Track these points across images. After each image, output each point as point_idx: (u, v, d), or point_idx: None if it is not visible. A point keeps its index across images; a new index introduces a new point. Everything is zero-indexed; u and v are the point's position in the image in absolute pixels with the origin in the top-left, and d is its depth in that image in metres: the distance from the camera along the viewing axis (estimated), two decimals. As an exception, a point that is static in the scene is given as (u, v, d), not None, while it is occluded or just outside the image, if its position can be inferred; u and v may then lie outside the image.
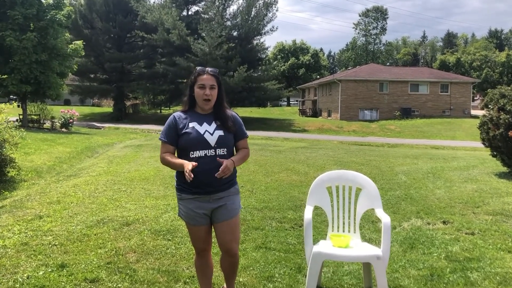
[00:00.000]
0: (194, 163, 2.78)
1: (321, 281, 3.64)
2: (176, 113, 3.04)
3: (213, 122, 2.98)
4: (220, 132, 2.95)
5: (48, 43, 20.92)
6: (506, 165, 9.06)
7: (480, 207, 6.28)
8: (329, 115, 41.93)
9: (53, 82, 21.70)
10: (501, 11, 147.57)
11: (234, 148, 3.07)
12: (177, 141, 2.94)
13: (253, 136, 23.60)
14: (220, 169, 2.79)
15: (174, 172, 3.06)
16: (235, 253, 3.07)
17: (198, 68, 3.02)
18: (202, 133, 2.91)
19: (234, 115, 3.09)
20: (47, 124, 22.92)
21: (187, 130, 2.92)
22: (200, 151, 2.88)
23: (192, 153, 2.89)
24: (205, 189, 2.92)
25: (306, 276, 3.37)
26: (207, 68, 2.99)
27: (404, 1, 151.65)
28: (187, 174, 2.72)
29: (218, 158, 2.87)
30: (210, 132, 2.93)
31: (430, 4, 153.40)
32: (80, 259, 4.04)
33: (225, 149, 2.94)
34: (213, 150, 2.90)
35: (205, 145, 2.89)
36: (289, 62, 66.38)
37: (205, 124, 2.95)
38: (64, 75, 23.12)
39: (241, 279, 3.71)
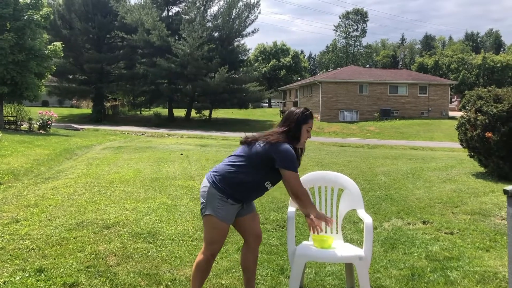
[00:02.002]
0: (331, 220, 3.20)
1: (303, 282, 3.64)
2: (289, 144, 3.09)
3: None
4: None
5: (25, 43, 20.52)
6: (483, 165, 9.22)
7: (459, 207, 6.38)
8: (310, 117, 42.09)
9: (31, 83, 21.28)
10: (475, 14, 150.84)
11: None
12: (270, 169, 3.07)
13: (235, 137, 23.57)
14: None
15: (155, 174, 3.06)
16: (261, 239, 3.35)
17: (310, 112, 3.20)
18: None
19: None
20: (25, 126, 22.47)
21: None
22: (273, 186, 3.18)
23: (268, 183, 3.12)
24: (248, 201, 3.23)
25: (289, 277, 3.37)
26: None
27: (382, 4, 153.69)
28: (319, 226, 3.03)
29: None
30: None
31: (407, 7, 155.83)
32: (59, 263, 3.96)
33: None
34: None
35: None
36: (270, 63, 66.58)
37: None
38: (42, 76, 22.70)
39: (223, 282, 3.69)
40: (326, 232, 3.59)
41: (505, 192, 2.23)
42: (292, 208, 3.49)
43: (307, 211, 3.08)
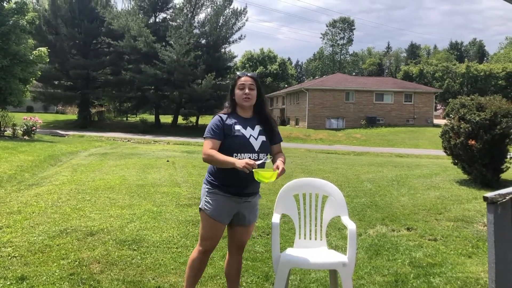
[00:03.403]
0: (252, 162, 2.79)
1: (288, 289, 3.65)
2: (221, 113, 3.07)
3: (256, 126, 3.08)
4: (263, 138, 3.06)
5: (10, 48, 20.30)
6: (466, 172, 9.35)
7: (442, 213, 6.46)
8: (296, 124, 42.34)
9: (15, 88, 21.03)
10: (458, 24, 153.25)
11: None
12: (223, 142, 2.98)
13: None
14: (279, 171, 2.89)
15: (141, 181, 3.06)
16: (243, 250, 3.29)
17: (239, 72, 3.13)
18: (247, 136, 2.99)
19: (273, 119, 3.22)
20: (8, 132, 22.14)
21: (234, 132, 2.98)
22: (245, 154, 2.96)
23: (236, 155, 2.94)
24: (241, 190, 3.01)
25: (273, 284, 3.37)
26: (246, 72, 3.12)
27: (368, 12, 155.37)
28: (247, 166, 2.75)
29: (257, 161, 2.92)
30: (255, 136, 3.02)
31: (393, 16, 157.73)
32: (42, 270, 3.92)
33: (266, 154, 3.05)
34: (256, 154, 2.99)
35: (250, 148, 2.98)
36: (257, 70, 66.79)
37: (248, 128, 3.04)
38: (27, 82, 22.46)
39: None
40: (311, 239, 3.60)
41: (485, 199, 2.26)
42: (277, 215, 3.50)
43: (228, 163, 2.85)
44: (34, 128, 22.09)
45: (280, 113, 48.69)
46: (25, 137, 21.33)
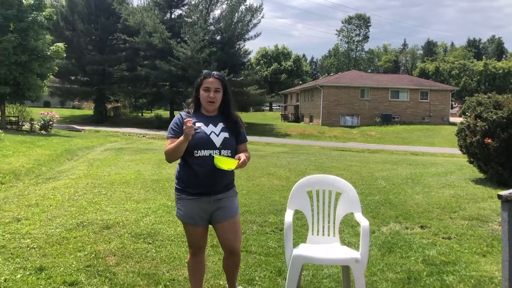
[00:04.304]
0: (190, 124, 2.79)
1: (300, 284, 3.67)
2: (182, 112, 3.06)
3: (219, 124, 3.04)
4: (226, 134, 3.01)
5: (28, 44, 20.61)
6: (482, 171, 9.25)
7: (457, 212, 6.41)
8: (311, 121, 42.20)
9: (33, 83, 21.37)
10: (477, 21, 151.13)
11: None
12: None
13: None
14: (241, 161, 2.85)
15: (156, 176, 3.09)
16: (237, 252, 3.15)
17: (205, 71, 3.08)
18: (208, 133, 2.97)
19: (240, 119, 3.17)
20: (26, 126, 22.52)
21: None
22: (205, 151, 2.93)
23: (197, 152, 2.93)
24: (207, 189, 2.97)
25: (286, 279, 3.41)
26: (213, 72, 3.06)
27: (383, 9, 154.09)
28: (187, 130, 2.77)
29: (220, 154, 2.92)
30: (216, 133, 2.99)
31: (409, 13, 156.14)
32: (59, 262, 4.01)
33: (229, 151, 3.01)
34: (218, 151, 2.95)
35: (211, 145, 2.95)
36: (271, 67, 66.68)
37: (211, 125, 3.01)
38: (45, 77, 22.78)
39: (221, 282, 3.73)
40: (324, 235, 3.63)
41: (499, 197, 2.27)
42: (290, 211, 3.52)
43: (179, 142, 2.86)
44: (51, 122, 22.44)
45: (294, 110, 48.58)
46: (42, 131, 21.69)
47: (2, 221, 5.28)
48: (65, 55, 23.76)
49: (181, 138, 2.86)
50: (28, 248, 4.34)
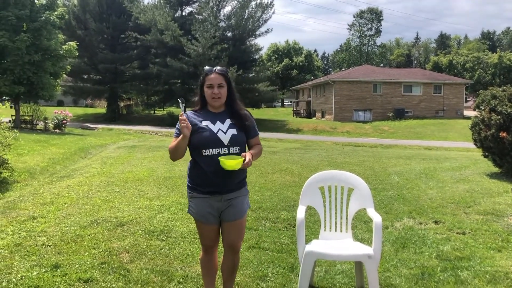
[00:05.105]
0: (183, 117, 2.81)
1: (313, 280, 3.67)
2: (188, 111, 3.03)
3: (226, 120, 2.99)
4: (233, 131, 2.96)
5: (41, 44, 20.85)
6: (497, 165, 9.14)
7: (472, 207, 6.35)
8: (323, 116, 42.05)
9: (46, 83, 21.63)
10: (491, 13, 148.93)
11: (247, 146, 3.08)
12: (190, 139, 2.92)
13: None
14: (245, 161, 2.80)
15: (168, 173, 3.10)
16: (237, 250, 3.12)
17: (206, 68, 3.04)
18: (215, 131, 2.92)
19: (247, 113, 3.10)
20: (40, 125, 22.80)
21: (200, 129, 2.92)
22: (213, 149, 2.89)
23: (205, 151, 2.89)
24: (218, 188, 2.93)
25: (298, 275, 3.41)
26: (214, 68, 3.01)
27: (395, 2, 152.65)
28: (182, 123, 2.78)
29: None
30: (223, 130, 2.94)
31: (421, 6, 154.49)
32: (74, 259, 4.05)
33: (238, 148, 2.95)
34: (226, 148, 2.91)
35: (219, 143, 2.90)
36: (283, 63, 66.47)
37: (218, 122, 2.96)
38: (58, 76, 23.04)
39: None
40: (336, 231, 3.62)
41: (514, 191, 2.24)
42: (302, 207, 3.52)
43: (180, 139, 2.88)
44: (64, 121, 22.69)
45: (306, 105, 48.43)
46: (56, 130, 21.94)
47: (18, 219, 5.35)
48: (77, 54, 24.00)
49: (180, 137, 2.87)
50: (44, 246, 4.39)
